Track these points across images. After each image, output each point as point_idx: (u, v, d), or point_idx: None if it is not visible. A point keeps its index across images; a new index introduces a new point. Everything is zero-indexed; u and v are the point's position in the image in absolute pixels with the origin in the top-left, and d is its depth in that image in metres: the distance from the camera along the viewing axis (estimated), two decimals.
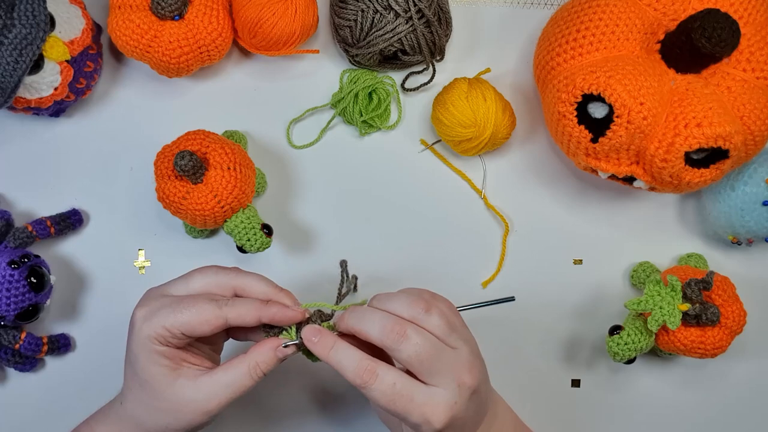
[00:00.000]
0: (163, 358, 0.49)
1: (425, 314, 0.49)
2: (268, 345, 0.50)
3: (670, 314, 0.58)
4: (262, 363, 0.49)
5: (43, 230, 0.63)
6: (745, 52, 0.57)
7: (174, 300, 0.49)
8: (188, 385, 0.49)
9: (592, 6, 0.59)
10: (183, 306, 0.49)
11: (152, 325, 0.48)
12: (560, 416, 0.66)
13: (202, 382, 0.49)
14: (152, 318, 0.49)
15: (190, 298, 0.49)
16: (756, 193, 0.61)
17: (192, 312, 0.48)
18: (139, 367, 0.49)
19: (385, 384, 0.47)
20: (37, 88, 0.59)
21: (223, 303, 0.49)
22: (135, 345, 0.49)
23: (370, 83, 0.66)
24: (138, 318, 0.49)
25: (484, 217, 0.68)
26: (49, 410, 0.65)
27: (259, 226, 0.60)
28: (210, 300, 0.49)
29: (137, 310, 0.50)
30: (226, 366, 0.49)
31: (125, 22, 0.60)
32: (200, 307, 0.48)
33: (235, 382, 0.49)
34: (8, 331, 0.61)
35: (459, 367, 0.48)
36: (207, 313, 0.48)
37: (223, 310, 0.49)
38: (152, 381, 0.49)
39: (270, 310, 0.50)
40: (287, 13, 0.62)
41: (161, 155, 0.60)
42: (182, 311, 0.48)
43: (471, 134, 0.63)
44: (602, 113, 0.56)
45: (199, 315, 0.48)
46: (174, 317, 0.48)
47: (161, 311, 0.49)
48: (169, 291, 0.51)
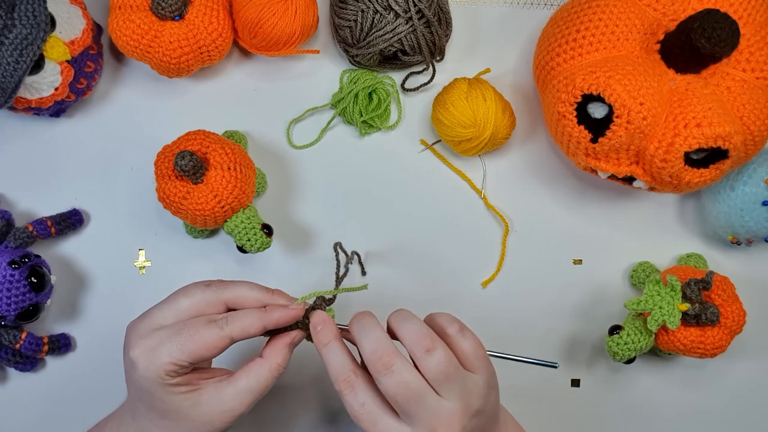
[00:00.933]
0: (179, 386, 0.48)
1: (425, 353, 0.47)
2: (282, 342, 0.50)
3: (669, 314, 0.58)
4: (282, 361, 0.49)
5: (43, 230, 0.63)
6: (745, 53, 0.57)
7: (171, 332, 0.48)
8: (214, 400, 0.48)
9: (592, 6, 0.59)
10: (184, 336, 0.47)
11: (159, 364, 0.47)
12: (560, 416, 0.67)
13: (226, 393, 0.48)
14: (155, 356, 0.47)
15: (188, 326, 0.48)
16: (755, 193, 0.61)
17: (195, 341, 0.47)
18: (156, 402, 0.48)
19: (355, 400, 0.47)
20: (37, 89, 0.59)
21: (224, 322, 0.48)
22: (146, 385, 0.48)
23: (370, 83, 0.66)
24: (138, 359, 0.47)
25: (484, 217, 0.68)
26: (50, 410, 0.65)
27: (259, 226, 0.60)
28: (209, 322, 0.48)
29: (131, 350, 0.48)
30: (246, 371, 0.49)
31: (125, 23, 0.60)
32: (202, 334, 0.47)
33: (259, 384, 0.49)
34: (9, 331, 0.61)
35: (437, 419, 0.46)
36: (211, 338, 0.47)
37: (226, 330, 0.48)
38: (175, 409, 0.48)
39: (273, 316, 0.49)
40: (287, 14, 0.62)
41: (161, 155, 0.60)
42: (185, 342, 0.47)
43: (471, 134, 0.63)
44: (602, 113, 0.56)
45: (205, 342, 0.47)
46: (179, 350, 0.47)
47: (163, 347, 0.47)
48: (157, 321, 0.49)
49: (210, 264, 0.66)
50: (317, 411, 0.66)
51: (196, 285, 0.51)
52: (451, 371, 0.47)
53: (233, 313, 0.49)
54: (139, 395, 0.49)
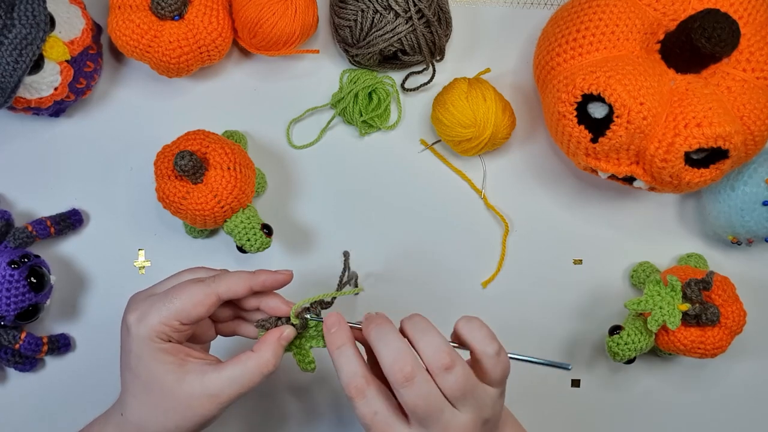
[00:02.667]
0: (167, 355, 0.48)
1: (444, 371, 0.46)
2: (272, 337, 0.50)
3: (669, 314, 0.58)
4: (272, 357, 0.49)
5: (43, 230, 0.63)
6: (745, 52, 0.57)
7: (162, 294, 0.49)
8: (197, 381, 0.48)
9: (592, 6, 0.59)
10: (172, 296, 0.48)
11: (148, 324, 0.48)
12: (560, 416, 0.66)
13: (211, 377, 0.48)
14: (146, 317, 0.48)
15: (177, 286, 0.49)
16: (756, 193, 0.61)
17: (183, 298, 0.48)
18: (142, 370, 0.48)
19: (367, 408, 0.46)
20: (37, 88, 0.59)
21: (211, 280, 0.49)
22: (135, 348, 0.48)
23: (370, 83, 0.66)
24: (131, 322, 0.49)
25: (484, 217, 0.68)
26: (49, 410, 0.65)
27: (259, 226, 0.60)
28: (197, 281, 0.49)
29: (128, 315, 0.49)
30: (234, 361, 0.49)
31: (125, 22, 0.60)
32: (189, 291, 0.48)
33: (244, 376, 0.48)
34: (8, 331, 0.61)
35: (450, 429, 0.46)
36: (198, 294, 0.48)
37: (212, 286, 0.49)
38: (159, 381, 0.48)
39: (259, 278, 0.50)
40: (287, 13, 0.62)
41: (161, 155, 0.60)
42: (173, 300, 0.48)
43: (471, 134, 0.63)
44: (602, 113, 0.56)
45: (191, 298, 0.48)
46: (167, 308, 0.48)
47: (153, 308, 0.48)
48: (155, 290, 0.51)
49: (210, 264, 0.65)
50: (320, 410, 0.66)
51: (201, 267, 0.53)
52: (468, 388, 0.46)
53: (222, 272, 0.51)
54: (128, 365, 0.49)
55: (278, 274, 0.51)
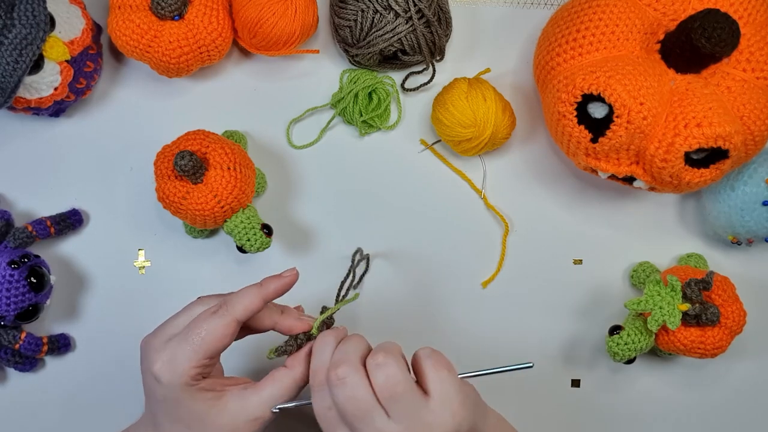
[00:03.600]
0: (205, 392, 0.48)
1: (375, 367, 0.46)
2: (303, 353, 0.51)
3: (669, 314, 0.58)
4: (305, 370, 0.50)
5: (43, 230, 0.63)
6: (745, 52, 0.57)
7: (182, 338, 0.48)
8: (239, 407, 0.48)
9: (592, 6, 0.59)
10: (194, 336, 0.48)
11: (181, 371, 0.47)
12: (560, 416, 0.66)
13: (251, 401, 0.49)
14: (175, 364, 0.47)
15: (193, 327, 0.48)
16: (756, 193, 0.61)
17: (204, 335, 0.47)
18: (183, 413, 0.48)
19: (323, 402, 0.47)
20: (37, 88, 0.59)
21: (224, 308, 0.49)
22: (172, 395, 0.48)
23: (370, 83, 0.66)
24: (161, 373, 0.47)
25: (484, 217, 0.68)
26: (49, 410, 0.65)
27: (259, 226, 0.60)
28: (210, 314, 0.48)
29: (152, 365, 0.48)
30: (271, 379, 0.50)
31: (125, 22, 0.60)
32: (209, 326, 0.48)
33: (283, 392, 0.49)
34: (8, 331, 0.61)
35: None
36: (219, 328, 0.48)
37: (229, 313, 0.48)
38: (202, 417, 0.48)
39: (270, 288, 0.50)
40: (287, 13, 0.62)
41: (161, 155, 0.60)
42: (195, 340, 0.47)
43: (471, 134, 0.63)
44: (602, 113, 0.56)
45: (213, 333, 0.48)
46: (193, 350, 0.47)
47: (179, 353, 0.47)
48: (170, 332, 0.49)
49: (210, 264, 0.66)
50: None
51: (207, 296, 0.52)
52: (399, 389, 0.45)
53: (229, 296, 0.50)
54: (163, 409, 0.49)
55: (285, 277, 0.51)
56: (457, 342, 0.66)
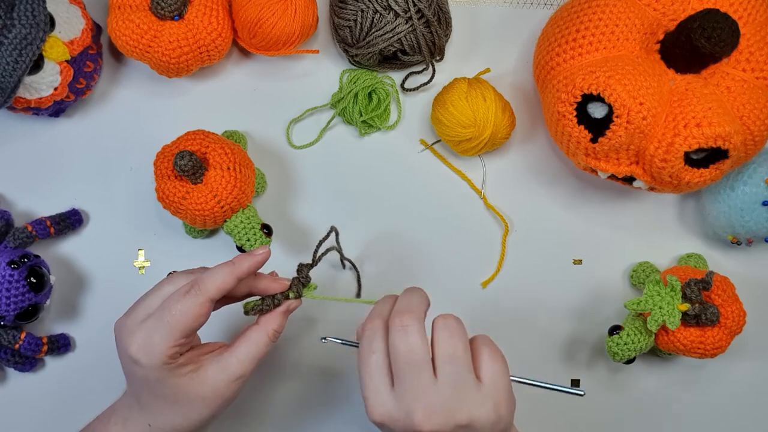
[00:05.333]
0: (183, 367, 0.49)
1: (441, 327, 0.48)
2: (277, 311, 0.52)
3: (669, 314, 0.58)
4: (278, 326, 0.52)
5: (42, 230, 0.63)
6: (745, 52, 0.57)
7: (156, 319, 0.48)
8: (218, 373, 0.50)
9: (592, 6, 0.59)
10: (168, 316, 0.48)
11: (158, 352, 0.48)
12: (560, 416, 0.66)
13: (230, 363, 0.50)
14: (151, 346, 0.48)
15: (167, 307, 0.48)
16: (756, 193, 0.61)
17: (176, 315, 0.48)
18: (166, 389, 0.49)
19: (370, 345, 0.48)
20: (36, 88, 0.59)
21: (197, 287, 0.49)
22: (152, 375, 0.48)
23: (370, 83, 0.66)
24: (137, 354, 0.48)
25: (484, 217, 0.68)
26: (49, 410, 0.65)
27: (258, 226, 0.60)
28: (183, 294, 0.48)
29: (128, 347, 0.48)
30: (246, 339, 0.51)
31: (125, 22, 0.60)
32: (182, 306, 0.48)
33: (258, 350, 0.51)
34: (8, 331, 0.61)
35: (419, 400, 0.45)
36: (192, 307, 0.48)
37: (202, 292, 0.48)
38: (184, 390, 0.49)
39: (243, 266, 0.50)
40: (287, 13, 0.62)
41: (161, 155, 0.60)
42: (169, 320, 0.48)
43: (471, 134, 0.63)
44: (602, 113, 0.56)
45: (187, 313, 0.48)
46: (169, 331, 0.48)
47: (154, 335, 0.48)
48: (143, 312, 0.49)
49: (209, 264, 0.65)
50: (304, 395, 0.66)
51: (179, 273, 0.52)
52: (459, 354, 0.47)
53: (202, 276, 0.50)
54: (146, 388, 0.50)
55: (256, 255, 0.51)
56: None
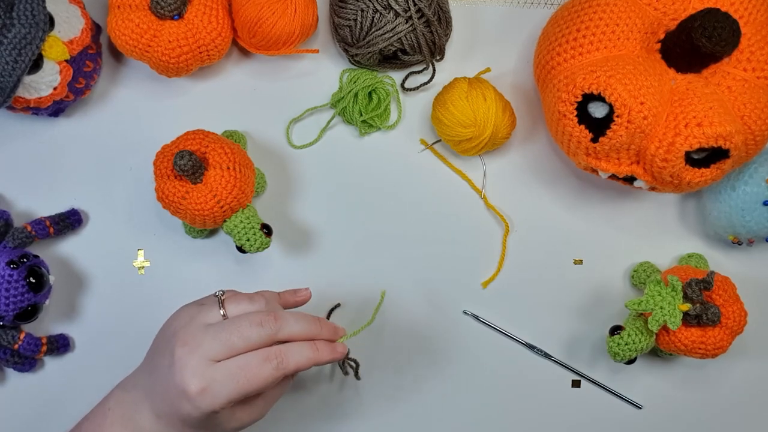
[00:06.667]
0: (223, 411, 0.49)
1: None
2: None
3: (670, 314, 0.58)
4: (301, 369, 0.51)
5: (42, 230, 0.62)
6: (746, 52, 0.57)
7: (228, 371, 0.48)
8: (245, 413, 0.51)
9: (593, 5, 0.59)
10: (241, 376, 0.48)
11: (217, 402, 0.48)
12: (560, 416, 0.66)
13: (257, 404, 0.52)
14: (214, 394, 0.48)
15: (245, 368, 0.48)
16: (757, 193, 0.61)
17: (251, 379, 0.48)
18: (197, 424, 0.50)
19: None
20: (36, 88, 0.59)
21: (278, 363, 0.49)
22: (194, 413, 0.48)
23: (370, 83, 0.66)
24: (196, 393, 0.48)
25: (484, 217, 0.68)
26: (48, 411, 0.65)
27: (258, 226, 0.60)
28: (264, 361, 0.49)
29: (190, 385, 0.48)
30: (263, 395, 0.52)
31: (124, 22, 0.60)
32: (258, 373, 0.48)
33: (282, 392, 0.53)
34: (7, 331, 0.61)
35: None
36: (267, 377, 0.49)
37: (280, 369, 0.49)
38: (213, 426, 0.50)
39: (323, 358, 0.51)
40: (287, 13, 0.62)
41: (160, 155, 0.60)
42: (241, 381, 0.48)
43: (471, 134, 0.63)
44: (602, 113, 0.56)
45: (260, 380, 0.48)
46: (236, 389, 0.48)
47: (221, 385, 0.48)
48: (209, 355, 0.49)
49: (209, 264, 0.66)
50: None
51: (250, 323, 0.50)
52: None
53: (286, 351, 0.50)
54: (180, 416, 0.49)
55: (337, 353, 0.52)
56: (457, 342, 0.66)
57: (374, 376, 0.65)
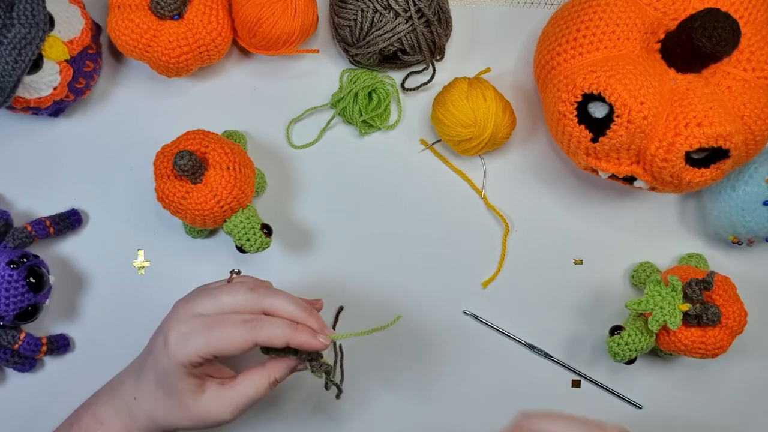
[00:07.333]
0: (191, 378, 0.51)
1: None
2: (286, 364, 0.53)
3: (670, 314, 0.58)
4: (280, 378, 0.53)
5: (42, 230, 0.62)
6: (746, 52, 0.57)
7: (204, 324, 0.50)
8: (212, 399, 0.52)
9: (593, 5, 0.59)
10: (214, 330, 0.50)
11: (186, 352, 0.50)
12: None
13: (226, 395, 0.52)
14: (185, 343, 0.50)
15: (219, 323, 0.50)
16: (757, 193, 0.61)
17: (223, 336, 0.50)
18: (166, 382, 0.52)
19: None
20: (36, 88, 0.59)
21: (252, 326, 0.50)
22: (166, 363, 0.51)
23: (370, 83, 0.66)
24: (171, 338, 0.51)
25: (484, 217, 0.68)
26: (48, 411, 0.65)
27: (258, 226, 0.60)
28: (240, 322, 0.50)
29: (170, 329, 0.51)
30: (247, 378, 0.52)
31: (124, 22, 0.60)
32: (231, 331, 0.50)
33: (257, 393, 0.52)
34: (7, 331, 0.61)
35: None
36: (238, 338, 0.50)
37: (253, 333, 0.50)
38: (179, 395, 0.52)
39: (299, 338, 0.50)
40: (287, 13, 0.62)
41: (160, 155, 0.60)
42: (213, 336, 0.50)
43: (471, 134, 0.63)
44: (602, 113, 0.56)
45: (230, 339, 0.50)
46: (206, 343, 0.50)
47: (193, 337, 0.50)
48: (197, 309, 0.52)
49: (209, 264, 0.66)
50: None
51: (241, 285, 0.53)
52: None
53: (264, 319, 0.51)
54: (154, 369, 0.52)
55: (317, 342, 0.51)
56: (457, 342, 0.66)
57: (374, 375, 0.65)
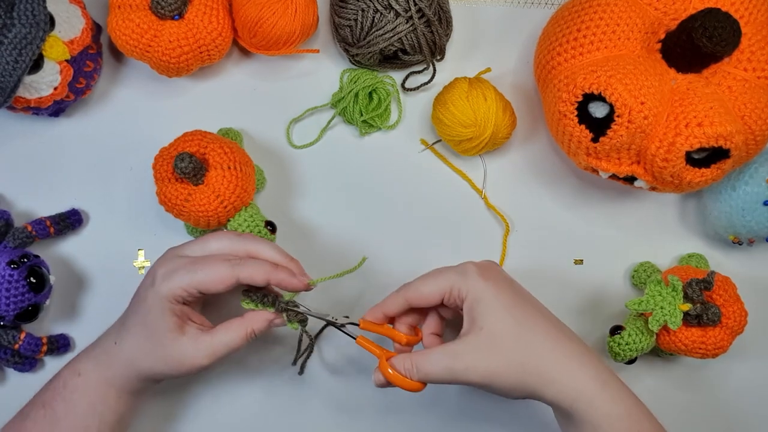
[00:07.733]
0: (174, 316, 0.53)
1: None
2: (264, 317, 0.55)
3: (671, 314, 0.58)
4: (258, 330, 0.55)
5: (42, 230, 0.62)
6: (746, 52, 0.57)
7: (190, 261, 0.54)
8: (190, 343, 0.54)
9: (593, 5, 0.59)
10: (199, 266, 0.53)
11: (171, 285, 0.53)
12: None
13: (203, 341, 0.54)
14: (171, 278, 0.53)
15: (205, 258, 0.54)
16: (757, 193, 0.61)
17: (207, 272, 0.53)
18: (149, 319, 0.54)
19: None
20: (36, 88, 0.59)
21: (236, 263, 0.53)
22: (151, 299, 0.53)
23: (370, 83, 0.66)
24: (158, 275, 0.54)
25: (484, 216, 0.68)
26: None
27: (262, 224, 0.60)
28: (224, 260, 0.53)
29: (158, 268, 0.54)
30: (225, 328, 0.55)
31: (125, 22, 0.60)
32: (215, 268, 0.53)
33: (233, 342, 0.54)
34: (8, 331, 0.61)
35: None
36: (221, 273, 0.53)
37: (236, 270, 0.53)
38: (159, 334, 0.53)
39: (278, 275, 0.54)
40: (287, 13, 0.62)
41: (159, 158, 0.60)
42: (198, 271, 0.53)
43: (471, 134, 0.63)
44: (603, 113, 0.56)
45: (214, 274, 0.53)
46: (191, 277, 0.53)
47: (179, 272, 0.53)
48: (185, 252, 0.55)
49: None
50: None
51: (227, 233, 0.57)
52: None
53: (247, 259, 0.54)
54: (138, 309, 0.55)
55: (295, 279, 0.54)
56: None
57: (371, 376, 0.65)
